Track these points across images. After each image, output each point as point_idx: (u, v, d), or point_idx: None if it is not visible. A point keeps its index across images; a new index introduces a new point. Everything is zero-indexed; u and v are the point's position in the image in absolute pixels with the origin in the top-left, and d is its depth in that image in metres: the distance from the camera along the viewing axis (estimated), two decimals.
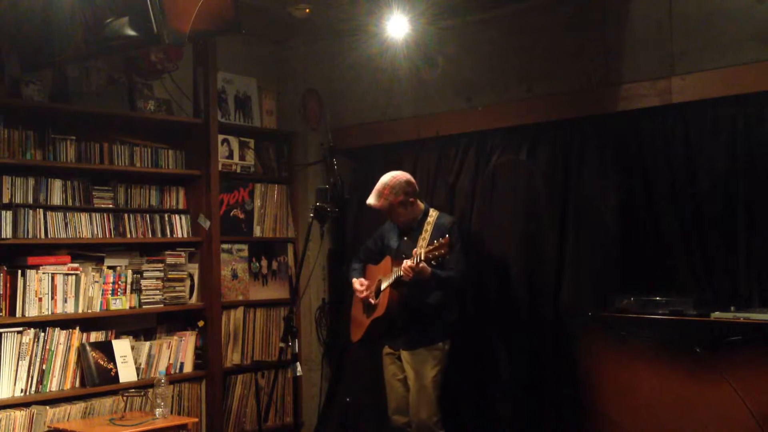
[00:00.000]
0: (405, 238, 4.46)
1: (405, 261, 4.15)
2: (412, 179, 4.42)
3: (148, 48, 4.32)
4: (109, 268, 4.49)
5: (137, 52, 4.49)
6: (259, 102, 5.48)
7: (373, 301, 4.39)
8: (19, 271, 4.12)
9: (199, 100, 4.98)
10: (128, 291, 4.55)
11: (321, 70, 5.57)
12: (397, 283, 4.23)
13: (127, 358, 4.47)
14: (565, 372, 4.30)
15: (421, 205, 4.46)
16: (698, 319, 3.65)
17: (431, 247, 4.06)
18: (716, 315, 3.62)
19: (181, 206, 4.94)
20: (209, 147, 4.92)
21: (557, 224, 4.49)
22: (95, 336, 4.39)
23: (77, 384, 4.30)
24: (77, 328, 4.32)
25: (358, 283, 4.50)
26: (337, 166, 5.05)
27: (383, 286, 4.33)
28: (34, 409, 4.06)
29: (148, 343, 4.66)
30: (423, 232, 4.33)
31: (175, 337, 4.79)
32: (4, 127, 4.13)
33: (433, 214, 4.42)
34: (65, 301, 4.28)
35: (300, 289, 5.31)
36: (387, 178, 4.38)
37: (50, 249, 4.29)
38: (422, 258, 4.06)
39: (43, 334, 4.17)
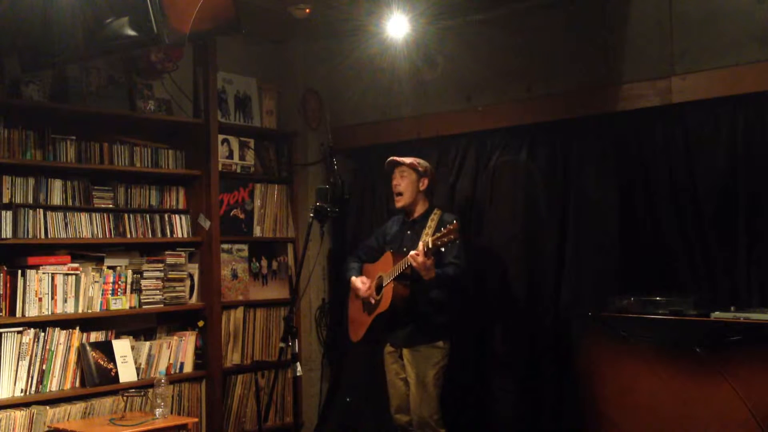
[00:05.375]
0: (408, 232, 4.46)
1: (411, 251, 4.12)
2: None
3: (148, 48, 4.32)
4: (109, 268, 4.49)
5: (137, 52, 4.49)
6: (259, 102, 5.47)
7: (373, 300, 4.39)
8: (19, 271, 4.12)
9: (199, 100, 4.98)
10: (128, 291, 4.55)
11: (321, 70, 5.56)
12: (401, 276, 4.23)
13: (127, 358, 4.47)
14: (565, 372, 4.30)
15: (428, 203, 4.50)
16: (698, 319, 3.65)
17: (439, 234, 4.04)
18: (716, 315, 3.62)
19: (181, 206, 4.94)
20: (209, 147, 4.92)
21: (557, 224, 4.50)
22: (95, 336, 4.40)
23: (77, 384, 4.30)
24: (77, 328, 4.32)
25: (359, 282, 4.48)
26: (337, 166, 5.05)
27: (385, 281, 4.32)
28: (34, 409, 4.06)
29: (148, 343, 4.66)
30: (426, 228, 4.32)
31: (175, 337, 4.79)
32: (4, 127, 4.13)
33: (437, 212, 4.42)
34: (65, 301, 4.28)
35: (300, 289, 5.31)
36: (421, 160, 4.53)
37: (50, 249, 4.29)
38: (430, 245, 4.05)
39: (43, 334, 4.17)
